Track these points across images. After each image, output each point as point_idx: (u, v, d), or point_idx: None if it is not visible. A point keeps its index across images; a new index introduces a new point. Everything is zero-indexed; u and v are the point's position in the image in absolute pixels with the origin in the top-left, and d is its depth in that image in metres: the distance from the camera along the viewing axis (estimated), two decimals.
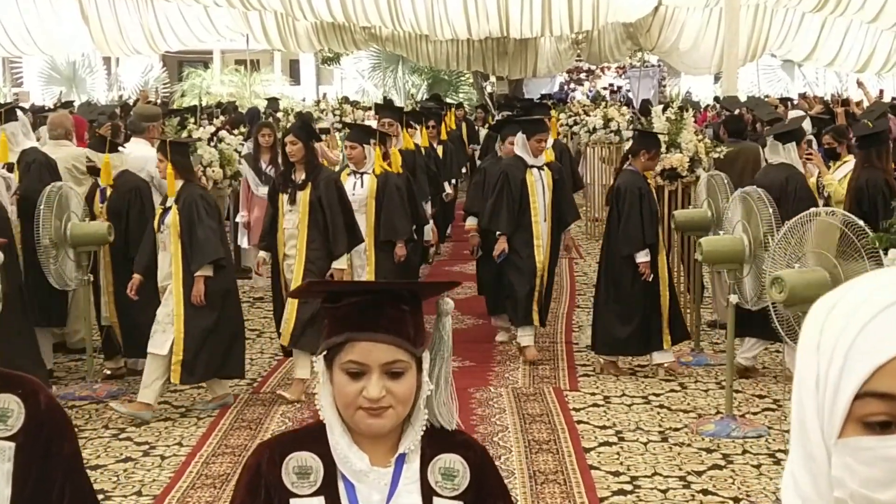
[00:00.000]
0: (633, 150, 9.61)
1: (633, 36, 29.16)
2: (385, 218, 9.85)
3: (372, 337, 2.31)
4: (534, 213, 9.98)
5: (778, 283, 6.26)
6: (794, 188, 9.03)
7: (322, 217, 8.69)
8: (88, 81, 32.87)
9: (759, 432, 7.98)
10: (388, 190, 9.87)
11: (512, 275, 9.99)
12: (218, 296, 8.37)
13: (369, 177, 9.88)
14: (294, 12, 26.07)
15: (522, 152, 10.06)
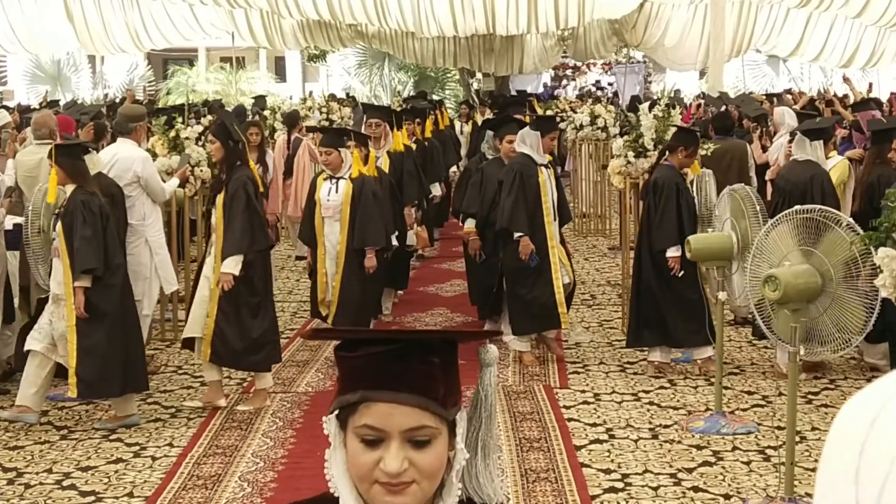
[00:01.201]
0: (671, 147, 9.56)
1: (618, 32, 29.18)
2: (358, 225, 9.56)
3: (393, 397, 1.88)
4: (545, 213, 9.83)
5: (772, 281, 6.27)
6: (819, 185, 9.09)
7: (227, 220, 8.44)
8: (73, 80, 32.74)
9: (748, 429, 8.01)
10: (364, 196, 9.57)
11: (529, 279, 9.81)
12: (110, 307, 8.05)
13: (345, 182, 9.62)
14: (280, 10, 26.02)
15: (532, 151, 9.87)
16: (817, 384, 9.16)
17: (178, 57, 37.54)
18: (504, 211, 9.74)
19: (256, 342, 8.47)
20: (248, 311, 8.44)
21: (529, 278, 9.76)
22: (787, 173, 9.46)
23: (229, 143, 8.48)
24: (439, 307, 12.47)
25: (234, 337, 8.38)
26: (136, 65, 34.48)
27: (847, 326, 6.27)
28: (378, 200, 9.66)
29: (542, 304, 9.76)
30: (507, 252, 9.87)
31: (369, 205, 9.54)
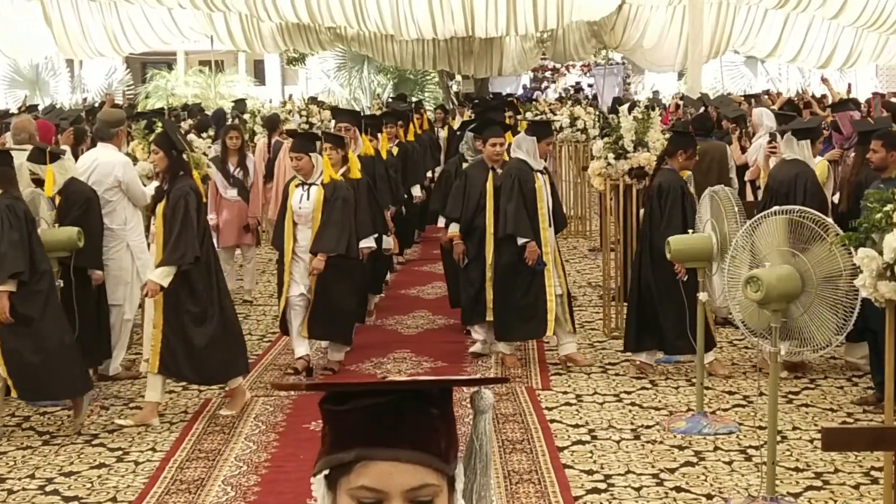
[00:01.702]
0: (670, 151, 9.56)
1: (597, 34, 29.23)
2: (319, 229, 9.40)
3: (392, 455, 1.74)
4: (542, 219, 9.71)
5: (754, 282, 6.31)
6: (803, 184, 9.19)
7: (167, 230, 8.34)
8: (52, 84, 32.63)
9: (729, 429, 8.05)
10: (334, 202, 9.41)
11: (524, 285, 9.74)
12: (34, 313, 7.96)
13: (317, 188, 9.48)
14: (259, 13, 25.99)
15: (528, 156, 9.80)
16: (798, 384, 9.20)
17: (157, 60, 37.46)
18: (507, 217, 9.63)
19: (203, 351, 8.33)
20: (190, 319, 8.30)
21: (522, 284, 9.70)
22: (776, 172, 9.56)
23: (172, 153, 8.40)
24: (420, 309, 12.48)
25: (179, 347, 8.29)
26: (115, 69, 34.39)
27: (827, 326, 6.31)
28: (347, 207, 9.48)
29: (532, 311, 9.70)
30: (500, 256, 9.81)
31: (335, 211, 9.38)
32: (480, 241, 10.09)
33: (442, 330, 11.53)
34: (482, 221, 10.05)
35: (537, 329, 9.82)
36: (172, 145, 8.44)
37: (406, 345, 10.87)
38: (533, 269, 9.64)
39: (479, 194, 10.05)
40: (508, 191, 9.66)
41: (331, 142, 10.29)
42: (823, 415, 8.40)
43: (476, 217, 10.07)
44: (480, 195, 10.04)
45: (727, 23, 27.56)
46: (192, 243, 8.21)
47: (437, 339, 11.15)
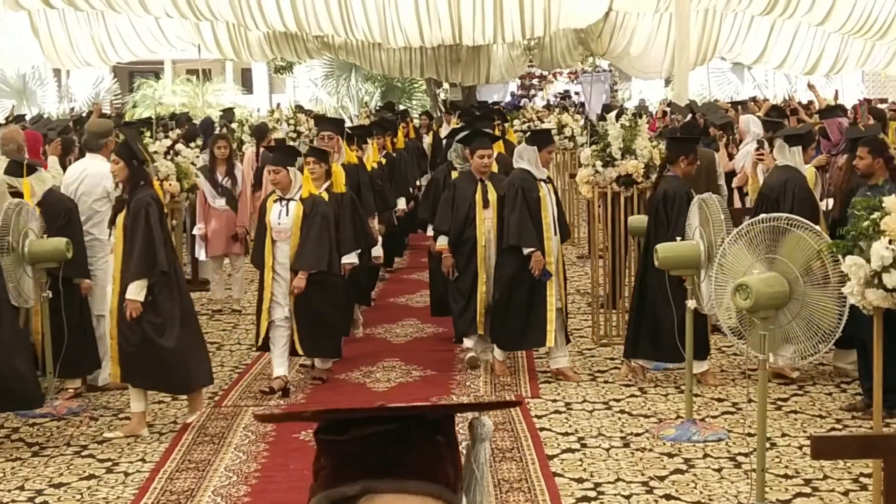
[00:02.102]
0: (671, 158, 9.57)
1: (584, 42, 29.25)
2: (299, 246, 9.24)
3: (400, 486, 1.64)
4: (546, 228, 9.62)
5: (743, 289, 6.33)
6: (792, 189, 9.23)
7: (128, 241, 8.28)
8: (39, 94, 32.57)
9: (719, 436, 8.07)
10: (313, 218, 9.26)
11: (526, 294, 9.63)
12: None
13: (296, 203, 9.29)
14: (246, 22, 25.94)
15: (531, 166, 9.73)
16: (786, 390, 9.23)
17: (144, 69, 37.44)
18: (510, 227, 9.55)
19: (164, 363, 8.25)
20: (152, 330, 8.21)
21: (524, 294, 9.61)
22: (768, 178, 9.60)
23: (133, 163, 8.31)
24: (410, 318, 12.48)
25: (139, 357, 8.22)
26: (102, 78, 34.34)
27: (816, 332, 6.33)
28: (326, 223, 9.32)
29: (533, 321, 9.61)
30: (503, 266, 9.72)
31: (314, 228, 9.24)
32: (471, 253, 10.03)
33: (431, 338, 11.53)
34: (472, 233, 10.00)
35: (537, 339, 9.72)
36: (133, 155, 8.36)
37: (395, 354, 10.87)
38: (536, 279, 9.54)
39: (467, 206, 10.01)
40: (512, 201, 9.58)
41: (314, 156, 10.18)
42: (812, 421, 8.42)
43: (465, 229, 10.02)
44: (469, 207, 10.00)
45: (714, 30, 27.62)
46: (158, 255, 8.18)
47: (427, 347, 11.16)
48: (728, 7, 26.40)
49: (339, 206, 9.91)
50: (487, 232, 10.00)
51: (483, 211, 9.99)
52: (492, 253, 9.98)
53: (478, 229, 9.98)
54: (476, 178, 10.13)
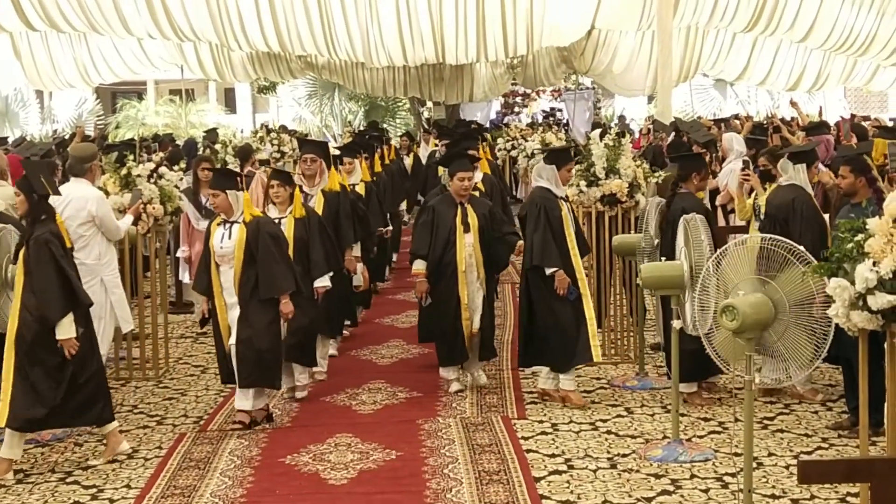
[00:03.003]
0: (683, 176, 9.58)
1: (567, 59, 29.32)
2: (262, 273, 8.86)
3: None
4: (571, 246, 9.56)
5: (730, 311, 6.33)
6: (800, 208, 9.25)
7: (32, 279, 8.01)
8: (21, 116, 32.57)
9: (706, 456, 8.06)
10: (262, 240, 8.89)
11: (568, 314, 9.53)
12: None
13: (239, 226, 8.94)
14: (229, 43, 25.95)
15: (550, 184, 9.67)
16: (773, 409, 9.23)
17: (127, 90, 37.44)
18: (533, 248, 9.48)
19: (56, 403, 8.02)
20: (43, 371, 7.99)
21: (568, 314, 9.51)
22: (773, 198, 9.59)
23: (33, 197, 8.10)
24: (395, 339, 12.46)
25: (28, 399, 7.95)
26: (85, 99, 34.32)
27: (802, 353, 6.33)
28: (279, 242, 9.03)
29: (582, 339, 9.50)
30: (537, 289, 9.60)
31: (269, 248, 8.90)
32: (451, 278, 9.89)
33: (417, 359, 11.51)
34: (452, 258, 9.87)
35: (584, 356, 9.58)
36: (33, 189, 8.10)
37: (381, 375, 10.84)
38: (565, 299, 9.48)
39: (447, 230, 9.89)
40: (535, 220, 9.51)
41: (278, 179, 10.04)
42: (799, 440, 8.42)
43: (445, 254, 9.89)
44: (449, 231, 9.88)
45: (696, 47, 27.74)
46: (77, 289, 8.07)
47: (413, 368, 11.13)
48: (710, 24, 26.50)
49: (307, 229, 9.83)
50: (468, 256, 9.89)
51: (464, 235, 9.89)
52: (472, 278, 9.91)
53: (458, 254, 9.85)
54: (455, 202, 10.03)
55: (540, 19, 25.23)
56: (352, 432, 8.88)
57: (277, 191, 9.90)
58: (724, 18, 25.80)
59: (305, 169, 11.09)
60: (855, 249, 5.62)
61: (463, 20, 25.10)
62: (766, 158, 10.45)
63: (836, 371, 9.87)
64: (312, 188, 11.02)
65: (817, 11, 25.40)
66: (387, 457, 8.28)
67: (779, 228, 9.03)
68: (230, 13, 24.63)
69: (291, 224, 9.74)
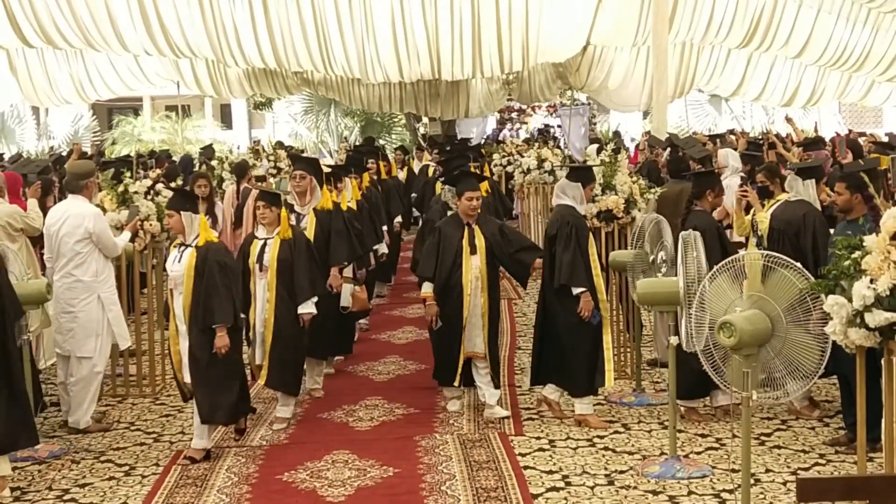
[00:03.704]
0: (698, 193, 9.60)
1: (562, 75, 29.37)
2: (203, 300, 8.57)
3: None
4: (594, 266, 9.47)
5: (727, 327, 6.34)
6: (811, 223, 9.28)
7: None
8: (17, 132, 32.60)
9: (703, 472, 8.06)
10: (209, 267, 8.60)
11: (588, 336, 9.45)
12: None
13: (191, 250, 8.71)
14: (225, 59, 26.00)
15: (575, 203, 9.60)
16: (770, 425, 9.23)
17: (123, 106, 37.48)
18: (562, 266, 9.33)
19: None
20: None
21: (588, 335, 9.42)
22: (781, 213, 9.59)
23: None
24: (392, 355, 12.46)
25: None
26: (81, 116, 34.38)
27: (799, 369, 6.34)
28: (226, 272, 8.65)
29: (598, 365, 9.44)
30: (558, 309, 9.50)
31: (214, 276, 8.58)
32: (457, 301, 9.67)
33: (414, 375, 11.50)
34: (458, 280, 9.66)
35: (602, 379, 9.48)
36: None
37: (378, 392, 10.84)
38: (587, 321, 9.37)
39: (454, 252, 9.68)
40: (565, 239, 9.37)
41: (265, 200, 9.77)
42: (796, 456, 8.42)
43: (451, 276, 9.68)
44: (456, 253, 9.68)
45: (691, 63, 27.80)
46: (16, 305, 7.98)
47: (410, 385, 11.13)
48: (705, 40, 26.59)
49: (292, 251, 9.55)
50: (475, 279, 9.68)
51: (470, 257, 9.68)
52: (478, 301, 9.70)
53: (464, 276, 9.65)
54: (463, 223, 9.80)
55: (535, 35, 25.32)
56: (349, 449, 8.88)
57: (264, 212, 9.69)
58: (720, 34, 25.91)
59: (295, 186, 10.89)
60: (852, 266, 5.64)
61: (459, 36, 25.18)
62: (764, 174, 10.46)
63: (832, 387, 9.89)
64: (304, 206, 10.82)
65: (812, 28, 25.51)
66: (384, 474, 8.28)
67: (788, 243, 9.06)
68: (226, 30, 24.72)
69: (277, 245, 9.54)
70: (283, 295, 9.47)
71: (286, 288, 9.51)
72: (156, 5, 23.86)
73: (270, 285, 9.50)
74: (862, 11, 24.56)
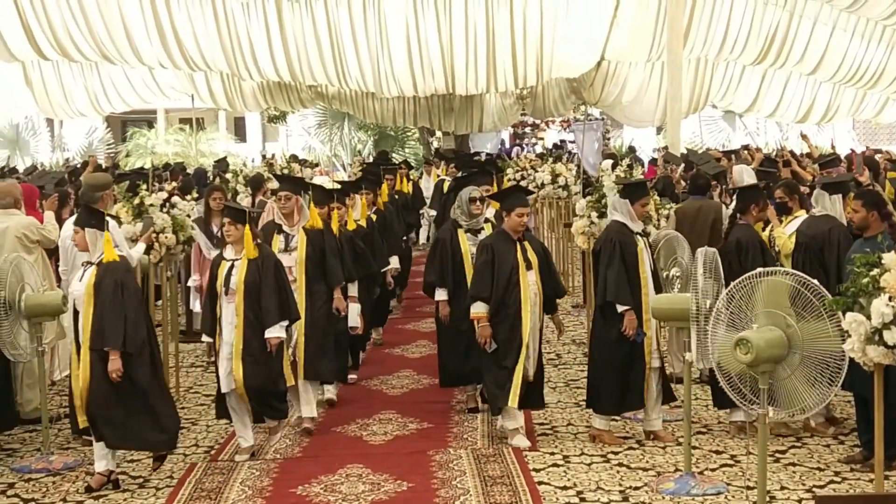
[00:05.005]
0: (743, 208, 9.55)
1: (576, 90, 29.40)
2: (95, 321, 8.25)
3: None
4: (643, 284, 9.24)
5: (743, 344, 6.32)
6: (837, 238, 9.23)
7: None
8: (32, 144, 32.72)
9: (718, 489, 8.04)
10: (104, 285, 8.24)
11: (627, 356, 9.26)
12: None
13: (93, 269, 8.38)
14: (240, 72, 26.10)
15: (625, 218, 9.38)
16: (784, 442, 9.19)
17: (137, 118, 37.59)
18: (606, 283, 9.17)
19: None
20: None
21: (627, 355, 9.25)
22: (806, 228, 9.57)
23: None
24: (405, 369, 12.45)
25: None
26: (95, 128, 34.49)
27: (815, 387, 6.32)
28: (119, 290, 8.22)
29: (635, 381, 9.30)
30: (605, 326, 9.36)
31: (108, 296, 8.21)
32: (514, 320, 9.27)
33: (427, 390, 11.49)
34: (516, 299, 9.28)
35: (639, 401, 9.37)
36: None
37: (391, 405, 10.83)
38: (631, 340, 9.21)
39: (510, 269, 9.29)
40: (608, 256, 9.22)
41: (230, 216, 9.19)
42: (811, 474, 8.38)
43: (507, 295, 9.29)
44: (512, 270, 9.29)
45: (706, 79, 27.78)
46: None
47: (423, 399, 11.11)
48: (720, 56, 26.58)
49: (260, 272, 9.00)
50: (533, 296, 9.35)
51: (527, 273, 9.35)
52: (536, 319, 9.43)
53: (522, 293, 9.27)
54: (514, 239, 9.46)
55: (550, 51, 25.36)
56: (363, 463, 8.87)
57: (228, 229, 9.13)
58: (734, 51, 25.89)
59: (281, 207, 10.33)
60: (871, 284, 5.63)
61: (473, 51, 25.23)
62: (782, 191, 10.44)
63: (847, 404, 9.85)
64: (293, 227, 10.23)
65: (827, 45, 25.48)
66: (398, 488, 8.27)
67: (813, 258, 9.06)
68: (241, 43, 24.81)
69: (244, 267, 9.00)
70: (250, 318, 8.95)
71: (253, 311, 8.98)
72: (171, 18, 23.98)
73: (238, 309, 8.96)
74: (877, 29, 24.52)
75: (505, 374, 9.27)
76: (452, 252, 10.28)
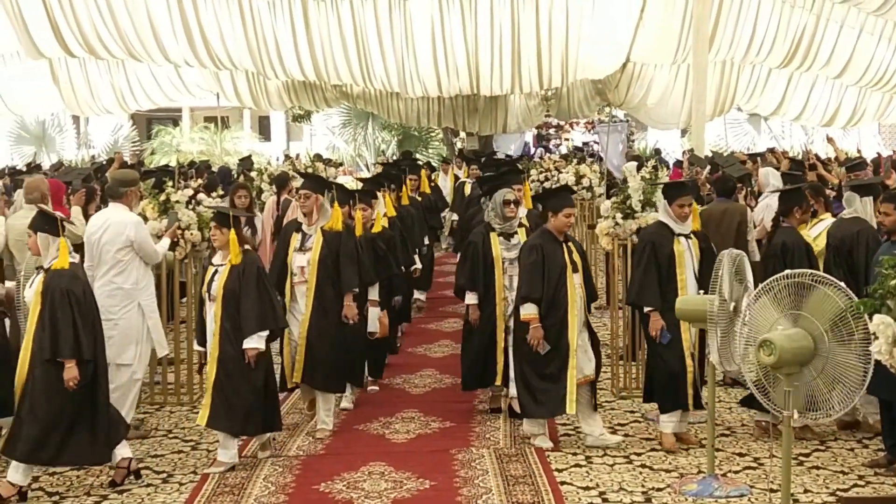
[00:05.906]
0: (786, 210, 9.49)
1: (601, 92, 29.39)
2: (48, 332, 7.95)
3: None
4: (680, 286, 9.13)
5: (767, 345, 6.31)
6: (865, 240, 9.21)
7: None
8: (58, 140, 32.89)
9: (741, 491, 8.01)
10: (50, 294, 7.96)
11: (655, 358, 9.33)
12: None
13: (41, 276, 8.11)
14: (265, 72, 26.19)
15: (668, 219, 9.30)
16: (808, 446, 9.16)
17: (162, 116, 37.75)
18: (633, 284, 9.25)
19: None
20: None
21: (674, 355, 9.18)
22: (836, 230, 9.56)
23: None
24: (428, 368, 12.46)
25: None
26: (121, 125, 34.63)
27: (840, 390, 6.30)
28: (67, 299, 7.96)
29: (683, 381, 9.20)
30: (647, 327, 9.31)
31: (54, 305, 7.93)
32: (562, 323, 9.18)
33: (450, 389, 11.49)
34: (563, 299, 9.17)
35: (680, 401, 9.24)
36: None
37: (414, 404, 10.83)
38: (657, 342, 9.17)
39: (559, 270, 9.19)
40: (639, 255, 9.27)
41: (217, 221, 8.93)
42: (835, 477, 8.35)
43: (556, 294, 9.17)
44: (561, 271, 9.19)
45: (731, 82, 27.74)
46: None
47: (446, 398, 11.12)
48: (746, 59, 26.54)
49: (241, 279, 8.71)
50: (580, 299, 9.26)
51: (573, 275, 9.25)
52: (581, 323, 9.32)
53: (569, 294, 9.17)
54: (560, 240, 9.34)
55: (575, 52, 25.36)
56: (385, 461, 8.88)
57: (214, 233, 8.93)
58: (760, 54, 25.85)
59: (301, 206, 10.11)
60: None
61: (498, 52, 25.24)
62: (808, 194, 10.41)
63: None
64: (311, 226, 9.97)
65: (853, 48, 25.42)
66: (420, 486, 8.27)
67: (843, 260, 9.03)
68: (267, 42, 24.89)
69: (226, 273, 8.75)
70: (226, 328, 8.68)
71: (231, 320, 8.68)
72: (198, 17, 24.07)
73: (216, 317, 8.73)
74: None
75: (549, 381, 9.16)
76: (484, 255, 10.18)
